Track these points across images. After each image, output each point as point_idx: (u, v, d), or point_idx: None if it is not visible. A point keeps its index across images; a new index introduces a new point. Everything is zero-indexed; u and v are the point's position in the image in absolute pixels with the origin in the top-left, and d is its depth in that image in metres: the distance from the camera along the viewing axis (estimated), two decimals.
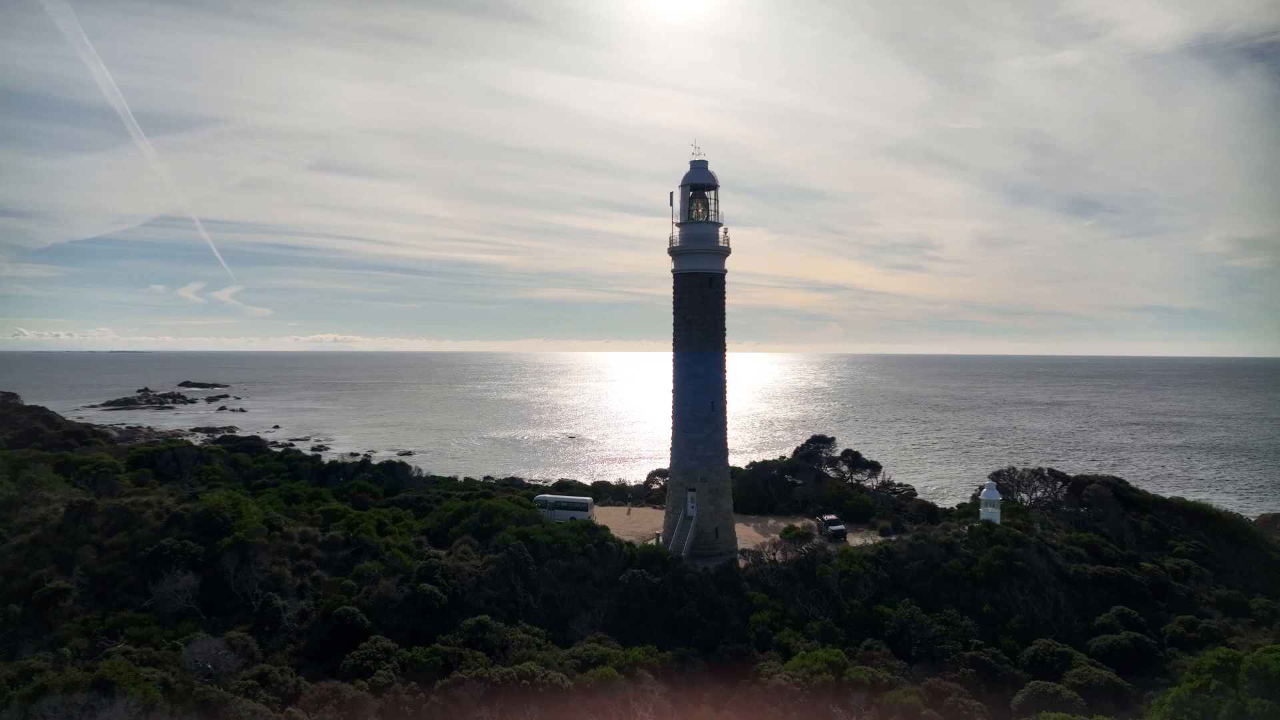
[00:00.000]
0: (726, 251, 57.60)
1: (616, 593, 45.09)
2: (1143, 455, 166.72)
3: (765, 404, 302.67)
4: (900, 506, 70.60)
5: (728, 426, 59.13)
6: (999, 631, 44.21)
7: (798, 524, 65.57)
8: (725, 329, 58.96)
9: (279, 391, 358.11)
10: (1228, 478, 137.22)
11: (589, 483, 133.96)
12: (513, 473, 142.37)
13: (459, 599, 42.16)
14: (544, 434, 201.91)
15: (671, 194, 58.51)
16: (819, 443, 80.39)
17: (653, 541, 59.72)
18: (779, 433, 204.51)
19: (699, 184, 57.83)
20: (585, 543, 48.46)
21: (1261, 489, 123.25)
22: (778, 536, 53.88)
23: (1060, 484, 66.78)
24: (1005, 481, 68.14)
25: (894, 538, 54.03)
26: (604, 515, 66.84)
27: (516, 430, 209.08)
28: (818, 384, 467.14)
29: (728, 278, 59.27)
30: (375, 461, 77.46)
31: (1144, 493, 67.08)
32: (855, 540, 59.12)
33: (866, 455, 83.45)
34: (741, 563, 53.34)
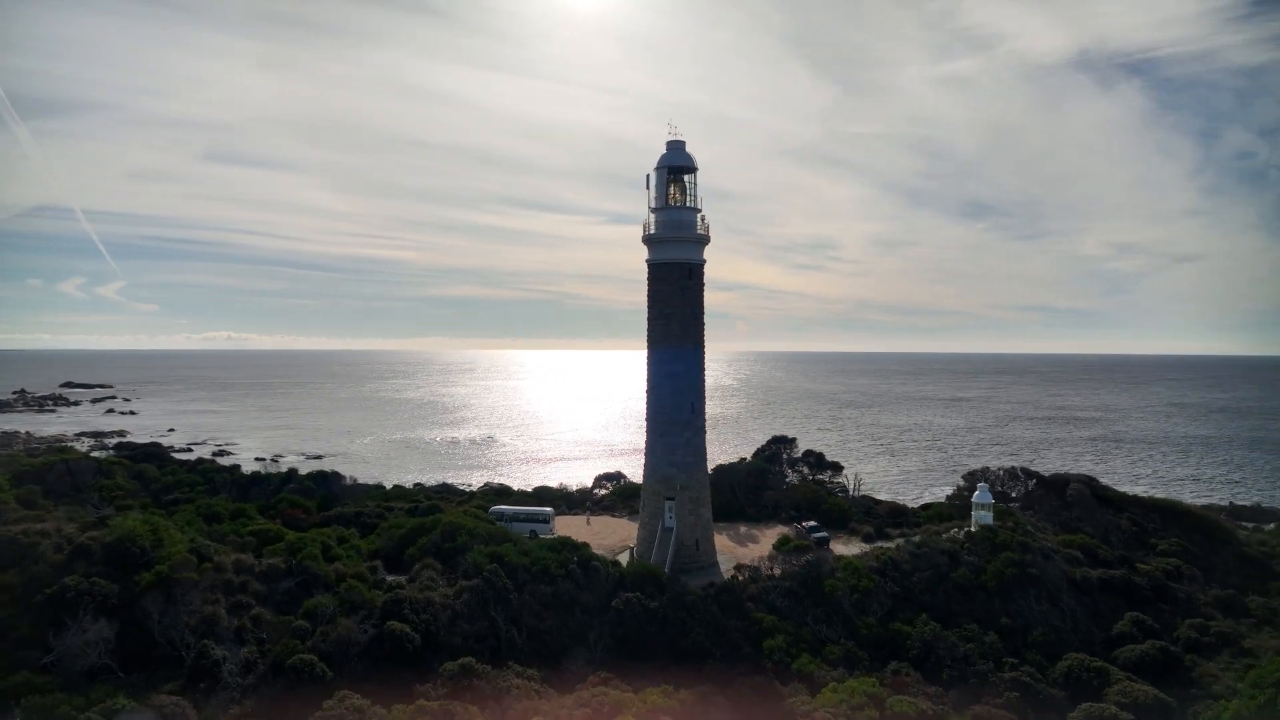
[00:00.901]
0: (706, 239, 53.22)
1: (610, 621, 39.96)
2: (1058, 449, 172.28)
3: None
4: (870, 509, 68.08)
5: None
6: (1021, 645, 41.47)
7: (770, 531, 62.01)
8: (704, 324, 54.57)
9: (170, 392, 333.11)
10: (1142, 471, 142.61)
11: (518, 487, 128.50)
12: (437, 478, 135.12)
13: (433, 637, 36.20)
14: (457, 435, 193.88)
15: (648, 176, 53.75)
16: (780, 443, 77.17)
17: (624, 555, 54.89)
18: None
19: (677, 166, 53.21)
20: (567, 563, 43.10)
21: (1180, 481, 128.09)
22: (772, 549, 49.84)
23: (1031, 481, 65.48)
24: (980, 481, 66.31)
25: (893, 545, 50.87)
26: (561, 525, 61.52)
27: (428, 431, 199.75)
28: (725, 381, 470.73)
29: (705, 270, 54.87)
30: (291, 468, 69.28)
31: (1118, 491, 66.63)
32: (839, 549, 55.90)
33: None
34: (727, 576, 49.15)
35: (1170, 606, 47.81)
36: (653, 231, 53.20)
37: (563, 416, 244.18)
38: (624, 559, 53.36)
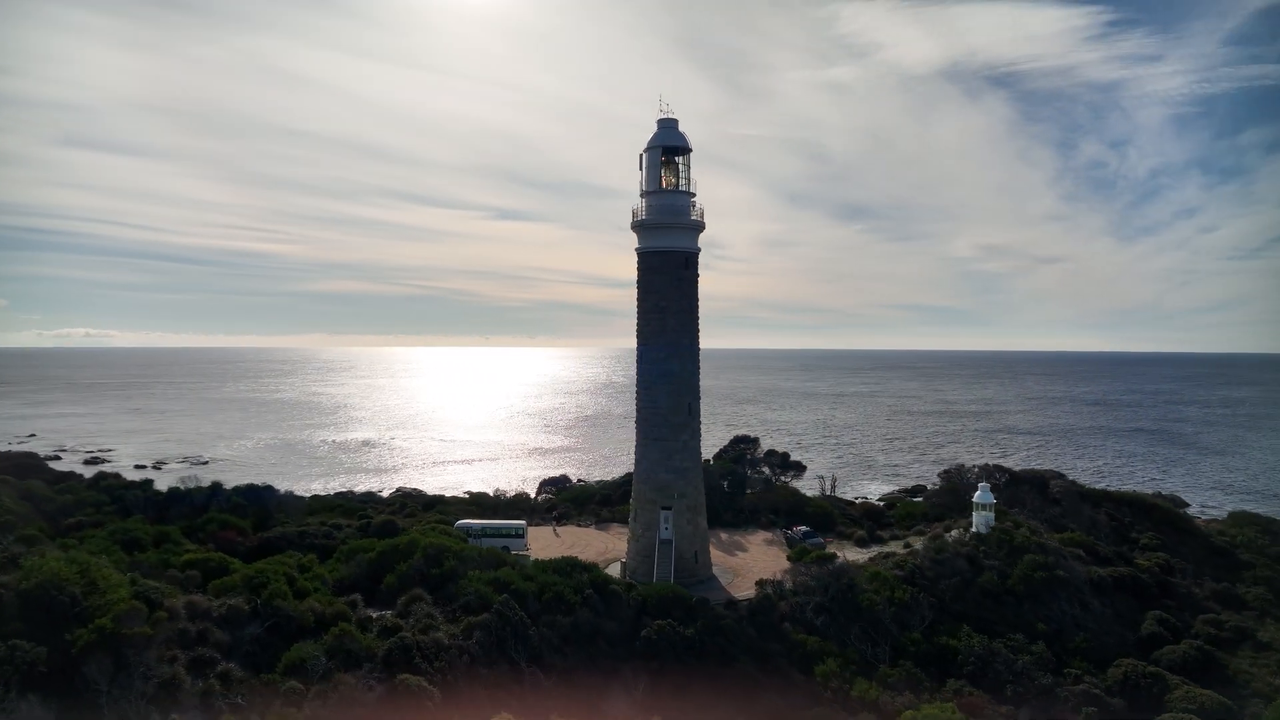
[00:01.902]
0: (701, 226, 49.14)
1: (640, 653, 35.28)
2: (965, 442, 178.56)
3: (572, 399, 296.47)
4: (844, 511, 65.96)
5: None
6: (1061, 652, 39.68)
7: (754, 538, 58.77)
8: (699, 318, 50.47)
9: (22, 393, 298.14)
10: (1044, 463, 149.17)
11: (437, 492, 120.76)
12: (337, 484, 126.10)
13: (452, 689, 30.44)
14: (344, 437, 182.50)
15: (641, 156, 49.16)
16: (744, 443, 74.10)
17: (613, 569, 50.16)
18: (608, 430, 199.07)
19: (671, 147, 48.86)
20: (582, 588, 38.04)
21: (1100, 470, 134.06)
22: (788, 560, 46.35)
23: (1004, 477, 65.07)
24: (955, 479, 65.47)
25: (899, 549, 48.43)
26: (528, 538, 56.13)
27: (314, 433, 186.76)
28: (617, 379, 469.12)
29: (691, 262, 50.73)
30: (215, 481, 60.04)
31: (1092, 488, 67.12)
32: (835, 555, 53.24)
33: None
34: (746, 593, 45.43)
35: (1176, 602, 47.58)
36: (644, 217, 48.66)
37: (456, 416, 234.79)
38: (614, 573, 48.68)
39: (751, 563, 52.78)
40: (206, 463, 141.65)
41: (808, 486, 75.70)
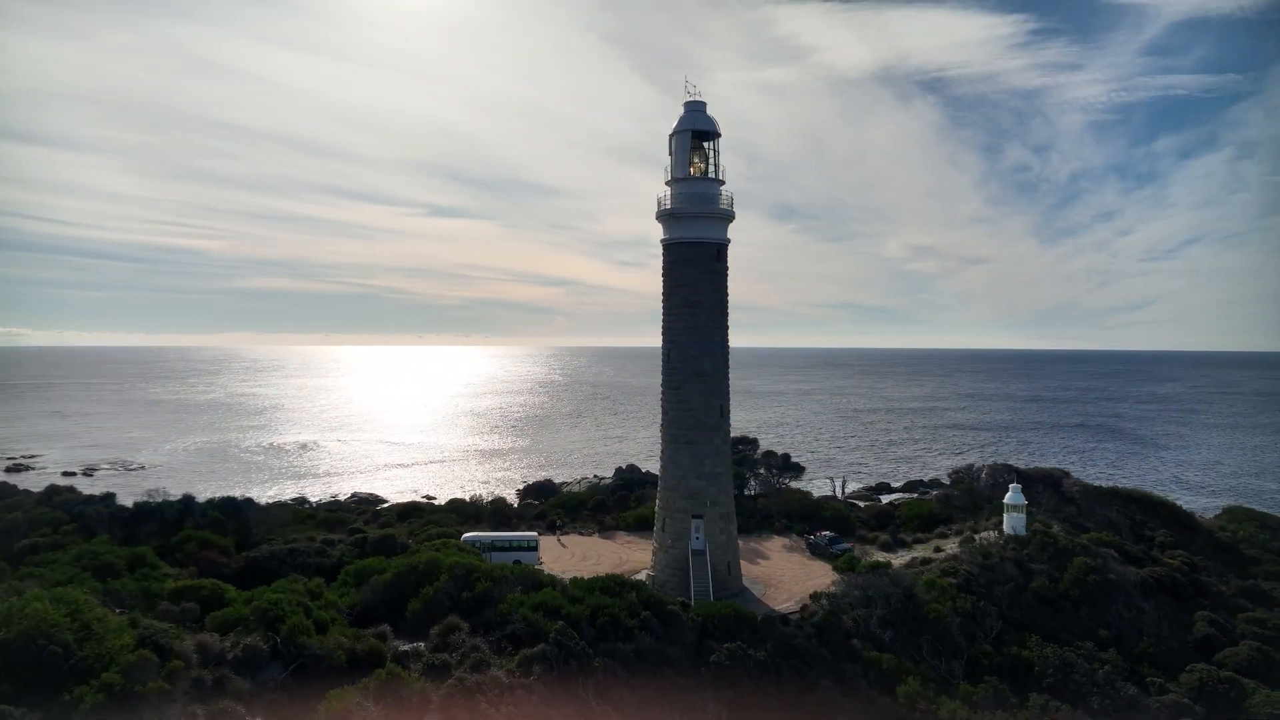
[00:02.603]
0: (732, 216, 46.19)
1: (713, 681, 32.09)
2: (919, 440, 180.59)
3: (516, 398, 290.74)
4: (855, 514, 64.00)
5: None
6: (1126, 658, 38.16)
7: (773, 544, 56.22)
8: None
9: None
10: (1006, 461, 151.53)
11: (393, 497, 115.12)
12: (278, 491, 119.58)
13: None
14: (279, 440, 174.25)
15: (670, 140, 45.92)
16: (743, 445, 71.46)
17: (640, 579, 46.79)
18: (561, 431, 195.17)
19: (701, 131, 45.76)
20: (636, 609, 34.62)
21: (1059, 466, 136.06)
22: (835, 571, 43.75)
23: (1012, 476, 63.99)
24: (965, 479, 64.20)
25: (936, 553, 46.46)
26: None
27: (244, 437, 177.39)
28: (555, 377, 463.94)
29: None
30: (187, 494, 53.87)
31: (1095, 484, 66.70)
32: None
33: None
34: (785, 606, 42.71)
35: (1210, 601, 46.88)
36: (673, 205, 45.45)
37: (398, 417, 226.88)
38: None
39: (778, 571, 50.14)
40: (142, 468, 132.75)
41: (805, 489, 73.59)
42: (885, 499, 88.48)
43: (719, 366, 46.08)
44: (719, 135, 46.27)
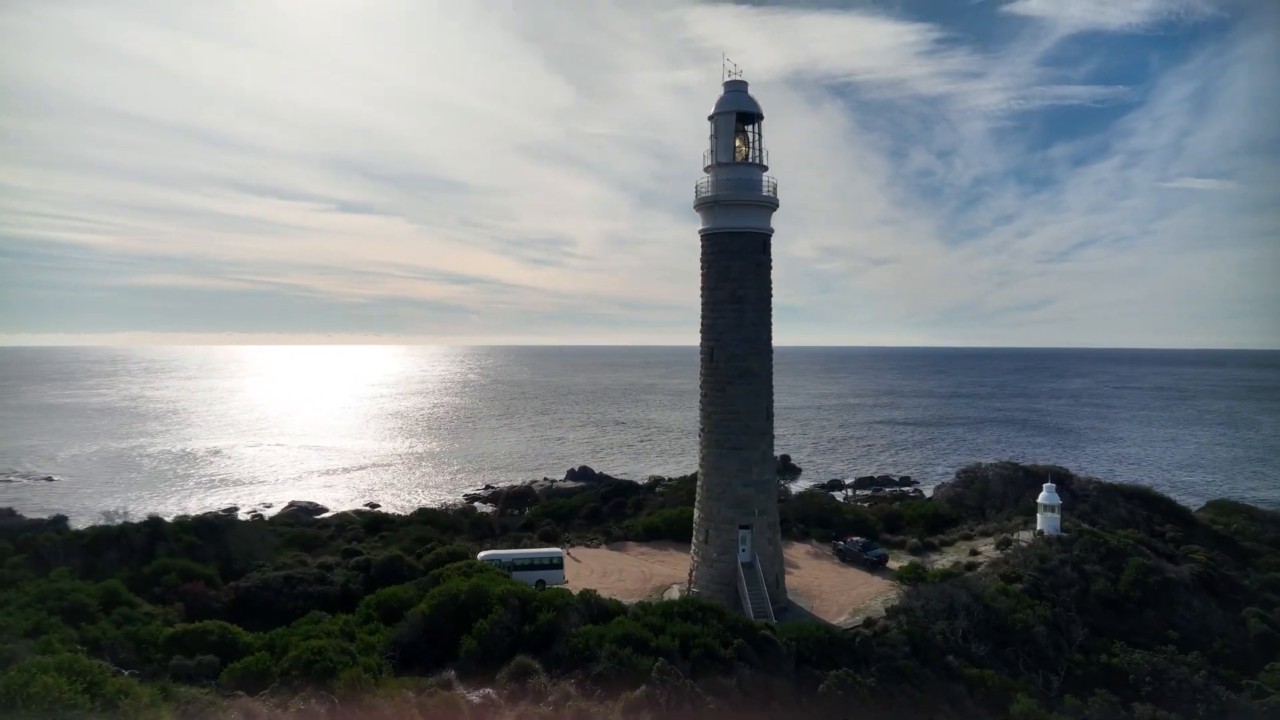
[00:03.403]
0: (776, 204, 43.25)
1: (822, 714, 28.94)
2: (864, 437, 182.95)
3: (438, 399, 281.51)
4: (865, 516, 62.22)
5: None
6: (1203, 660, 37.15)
7: (796, 551, 53.63)
8: None
9: None
10: (950, 456, 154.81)
11: (331, 506, 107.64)
12: (213, 502, 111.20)
13: None
14: (196, 445, 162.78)
15: (715, 118, 42.55)
16: None
17: (674, 597, 43.33)
18: (498, 433, 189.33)
19: (746, 112, 42.61)
20: (727, 636, 31.16)
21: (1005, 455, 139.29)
22: (894, 580, 41.35)
23: (1018, 473, 63.73)
24: (972, 477, 63.37)
25: (972, 555, 44.78)
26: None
27: (158, 443, 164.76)
28: (471, 377, 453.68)
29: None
30: (153, 515, 46.56)
31: (1100, 481, 67.02)
32: (895, 566, 49.16)
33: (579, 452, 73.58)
34: (843, 620, 40.07)
35: (1242, 597, 46.92)
36: (718, 192, 42.12)
37: (316, 420, 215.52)
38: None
39: (815, 581, 47.55)
40: (50, 479, 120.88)
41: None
42: (858, 500, 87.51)
43: (765, 366, 43.09)
44: (762, 117, 43.23)
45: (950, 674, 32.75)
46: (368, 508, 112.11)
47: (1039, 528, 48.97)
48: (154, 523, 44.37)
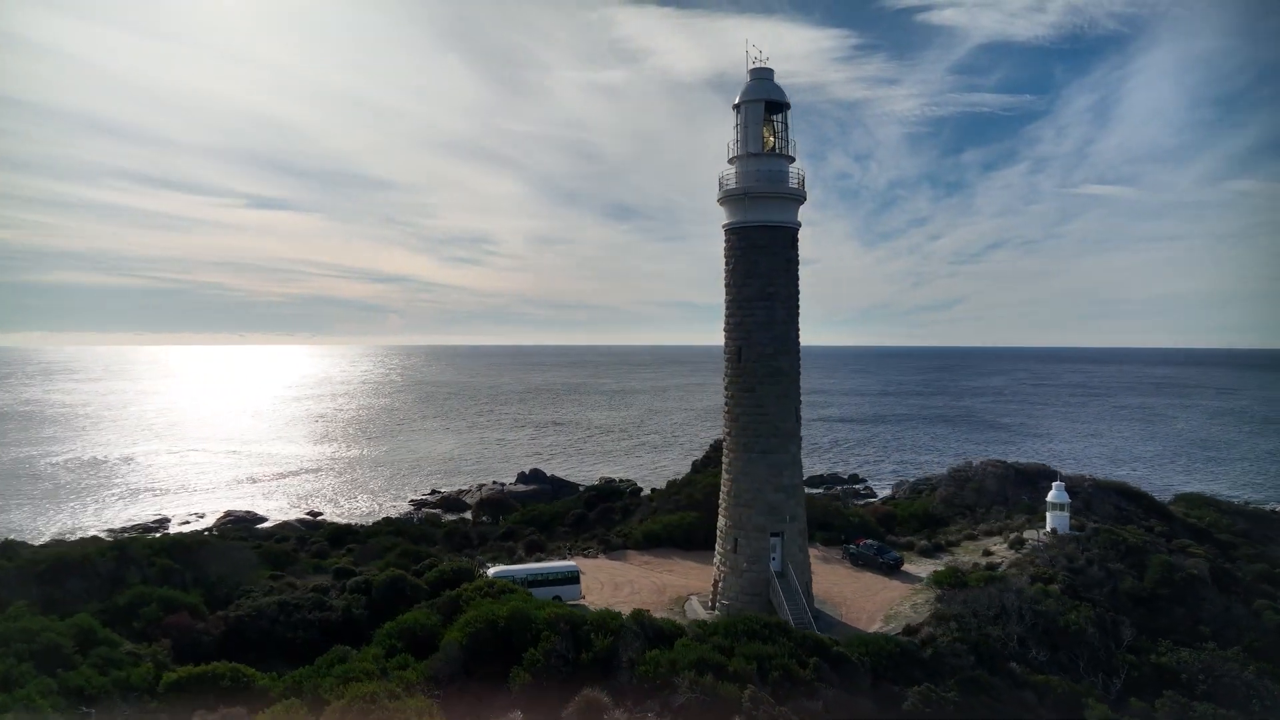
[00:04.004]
0: (804, 197, 41.60)
1: None
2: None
3: (366, 400, 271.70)
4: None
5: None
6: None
7: None
8: None
9: None
10: (888, 450, 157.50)
11: (281, 516, 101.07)
12: (139, 512, 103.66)
13: None
14: (104, 452, 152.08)
15: (741, 107, 40.61)
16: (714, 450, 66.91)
17: (692, 612, 41.27)
18: (434, 435, 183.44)
19: (775, 100, 40.82)
20: (801, 655, 29.17)
21: (962, 455, 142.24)
22: (928, 585, 40.19)
23: (1008, 472, 64.12)
24: (966, 476, 63.36)
25: (985, 555, 44.25)
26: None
27: (60, 450, 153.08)
28: (394, 377, 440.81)
29: None
30: (120, 533, 41.10)
31: (1093, 478, 67.90)
32: (910, 569, 48.36)
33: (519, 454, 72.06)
34: (879, 628, 38.76)
35: (1243, 589, 47.86)
36: (746, 184, 40.16)
37: (237, 423, 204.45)
38: (696, 614, 40.03)
39: (834, 587, 46.16)
40: None
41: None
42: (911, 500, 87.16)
43: (794, 365, 41.39)
44: (789, 106, 41.51)
45: (1016, 681, 31.69)
46: (310, 516, 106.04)
47: (1049, 526, 48.92)
48: (119, 545, 39.25)
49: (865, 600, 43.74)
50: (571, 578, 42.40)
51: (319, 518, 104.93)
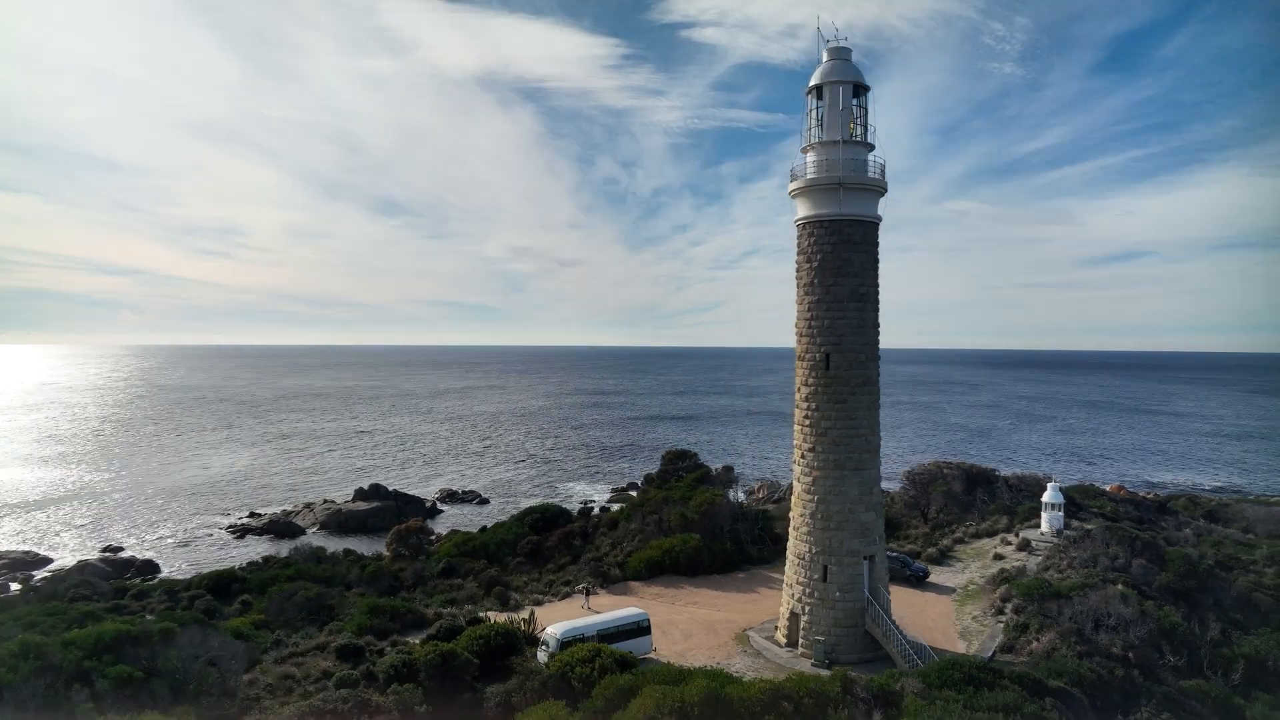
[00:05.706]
0: (886, 188, 38.43)
1: None
2: (616, 439, 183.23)
3: (115, 410, 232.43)
4: None
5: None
6: None
7: None
8: None
9: None
10: (713, 453, 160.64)
11: (81, 556, 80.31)
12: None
13: None
14: None
15: (824, 89, 36.85)
16: (684, 459, 62.60)
17: (774, 647, 36.93)
18: (233, 453, 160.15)
19: (861, 84, 37.44)
20: (1033, 698, 25.91)
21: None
22: (1017, 593, 38.71)
23: (959, 474, 65.88)
24: (930, 478, 64.00)
25: (996, 559, 44.47)
26: (550, 613, 38.63)
27: None
28: (135, 385, 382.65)
29: None
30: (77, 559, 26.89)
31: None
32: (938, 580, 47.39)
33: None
34: (972, 648, 36.94)
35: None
36: (825, 173, 36.39)
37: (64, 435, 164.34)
38: (774, 654, 35.86)
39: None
40: None
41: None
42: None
43: (876, 374, 38.13)
44: (870, 89, 38.22)
45: (1184, 692, 30.91)
46: (111, 554, 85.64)
47: (1045, 526, 50.18)
48: (76, 569, 26.37)
49: (917, 617, 41.69)
50: (643, 628, 35.96)
51: (119, 553, 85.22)
